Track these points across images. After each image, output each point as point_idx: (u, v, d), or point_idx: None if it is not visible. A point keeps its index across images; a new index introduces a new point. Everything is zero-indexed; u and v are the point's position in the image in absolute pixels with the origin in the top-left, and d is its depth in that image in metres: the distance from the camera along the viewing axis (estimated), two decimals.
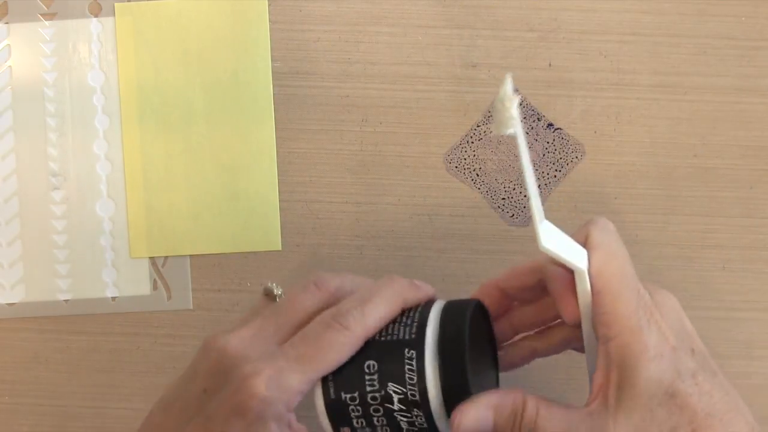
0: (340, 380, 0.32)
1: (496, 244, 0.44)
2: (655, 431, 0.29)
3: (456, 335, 0.31)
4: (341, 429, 0.32)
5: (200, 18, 0.45)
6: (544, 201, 0.44)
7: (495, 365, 0.36)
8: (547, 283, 0.33)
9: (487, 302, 0.35)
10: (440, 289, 0.44)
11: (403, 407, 0.31)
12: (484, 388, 0.32)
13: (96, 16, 0.45)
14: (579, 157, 0.44)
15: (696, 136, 0.44)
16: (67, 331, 0.45)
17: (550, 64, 0.45)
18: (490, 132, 0.44)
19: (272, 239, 0.45)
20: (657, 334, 0.30)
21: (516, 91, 0.43)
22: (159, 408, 0.33)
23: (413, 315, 0.33)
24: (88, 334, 0.45)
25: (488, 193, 0.45)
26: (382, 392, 0.31)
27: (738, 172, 0.44)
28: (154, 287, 0.45)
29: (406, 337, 0.32)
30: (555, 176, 0.44)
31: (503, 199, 0.45)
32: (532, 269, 0.34)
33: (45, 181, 0.45)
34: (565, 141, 0.44)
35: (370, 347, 0.32)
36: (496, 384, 0.35)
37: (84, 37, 0.45)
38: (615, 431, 0.30)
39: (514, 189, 0.44)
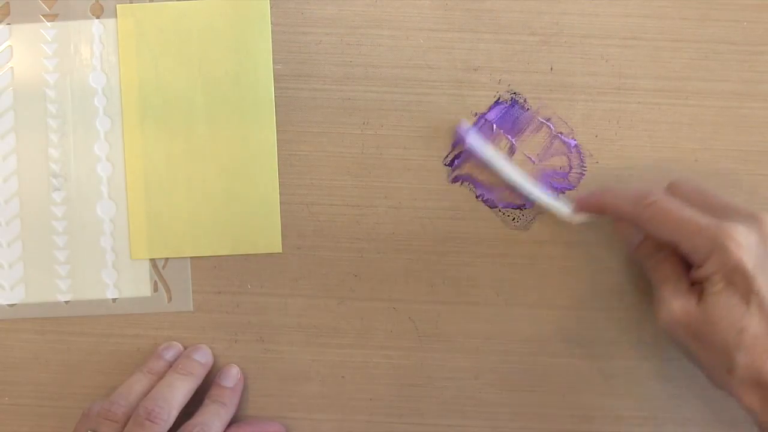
0: None
1: (497, 248, 0.44)
2: None
3: None
4: None
5: (202, 20, 0.45)
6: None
7: None
8: None
9: None
10: (441, 293, 0.44)
11: None
12: None
13: (98, 17, 0.45)
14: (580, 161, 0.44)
15: (697, 140, 0.45)
16: (68, 332, 0.45)
17: (551, 68, 0.45)
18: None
19: (273, 241, 0.45)
20: None
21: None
22: None
23: None
24: (89, 336, 0.45)
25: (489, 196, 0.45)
26: None
27: (739, 177, 0.44)
28: (155, 289, 0.45)
29: None
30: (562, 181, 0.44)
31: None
32: None
33: (46, 182, 0.45)
34: (567, 146, 0.44)
35: None
36: None
37: (86, 39, 0.45)
38: None
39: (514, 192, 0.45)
